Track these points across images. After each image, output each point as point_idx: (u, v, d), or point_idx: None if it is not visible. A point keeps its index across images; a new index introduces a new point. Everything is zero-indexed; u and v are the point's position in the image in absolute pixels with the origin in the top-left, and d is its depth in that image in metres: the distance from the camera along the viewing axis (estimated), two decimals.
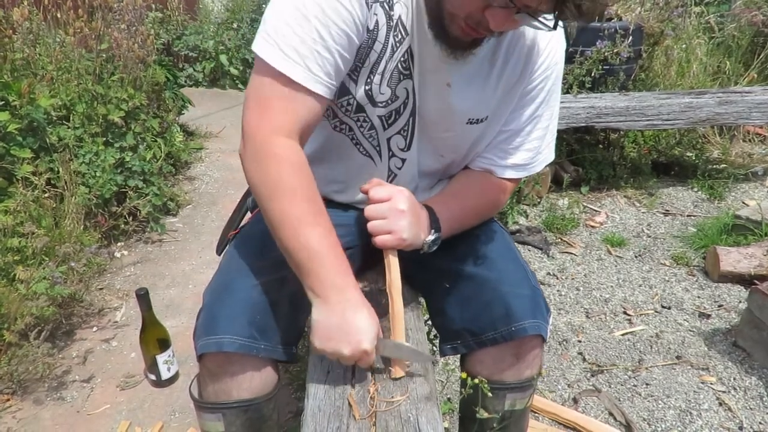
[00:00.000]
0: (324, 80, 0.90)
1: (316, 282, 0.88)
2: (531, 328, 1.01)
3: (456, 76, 0.99)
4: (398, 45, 0.95)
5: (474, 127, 1.07)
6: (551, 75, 1.06)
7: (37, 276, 1.88)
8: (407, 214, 0.98)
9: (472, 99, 1.02)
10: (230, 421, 0.99)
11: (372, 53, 0.95)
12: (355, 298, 0.89)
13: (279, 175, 0.89)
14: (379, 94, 0.99)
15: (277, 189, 0.89)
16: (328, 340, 0.88)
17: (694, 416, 1.74)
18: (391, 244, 0.97)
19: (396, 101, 1.01)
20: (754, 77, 3.91)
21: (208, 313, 0.97)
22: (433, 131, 1.07)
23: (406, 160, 1.09)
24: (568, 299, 2.36)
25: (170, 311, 2.26)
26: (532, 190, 3.11)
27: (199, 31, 5.42)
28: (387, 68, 0.97)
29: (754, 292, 1.95)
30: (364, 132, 1.05)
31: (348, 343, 0.87)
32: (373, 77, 0.97)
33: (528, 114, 1.08)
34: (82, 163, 2.46)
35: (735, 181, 3.33)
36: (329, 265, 0.89)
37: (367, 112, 1.02)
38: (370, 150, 1.08)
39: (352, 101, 1.00)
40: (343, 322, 0.87)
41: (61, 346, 2.04)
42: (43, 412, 1.76)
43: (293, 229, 0.89)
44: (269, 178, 0.90)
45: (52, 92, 2.49)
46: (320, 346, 0.89)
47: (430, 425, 0.85)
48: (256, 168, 0.91)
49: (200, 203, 3.23)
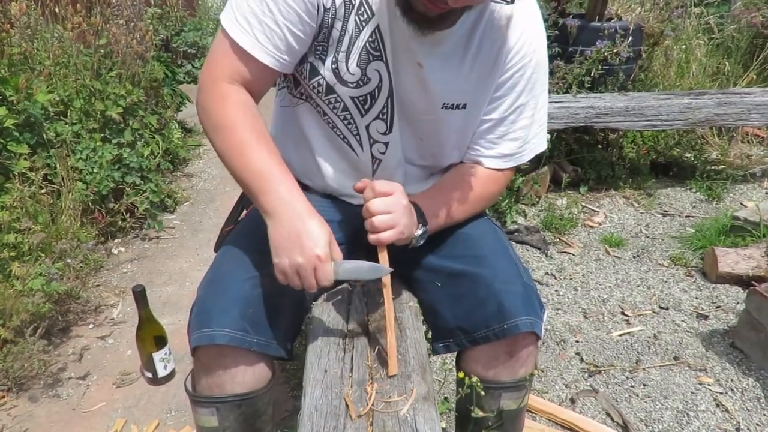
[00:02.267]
0: (271, 51, 0.96)
1: (265, 199, 0.92)
2: (524, 325, 1.01)
3: (429, 56, 0.99)
4: (364, 24, 0.96)
5: (452, 113, 1.06)
6: (529, 63, 1.05)
7: (34, 272, 1.88)
8: (408, 209, 0.98)
9: (446, 82, 1.02)
10: (224, 415, 0.99)
11: (333, 31, 0.97)
12: (302, 208, 0.92)
13: (222, 111, 0.97)
14: (347, 74, 1.00)
15: (219, 121, 0.97)
16: (283, 251, 0.90)
17: (691, 417, 1.73)
18: (391, 240, 0.96)
19: (368, 83, 1.01)
20: (753, 78, 3.91)
21: (201, 306, 0.98)
22: (411, 112, 1.07)
23: (389, 143, 1.09)
24: (566, 299, 2.36)
25: (167, 309, 2.25)
26: (531, 190, 3.11)
27: (198, 27, 5.39)
28: (354, 47, 0.98)
29: (752, 294, 1.95)
30: (338, 114, 1.06)
31: (301, 250, 0.89)
32: (338, 56, 0.99)
33: (509, 103, 1.08)
34: (80, 159, 2.45)
35: (733, 183, 3.33)
36: (275, 181, 0.93)
37: (338, 93, 1.03)
38: (348, 136, 1.09)
39: (321, 81, 1.02)
40: (292, 231, 0.90)
41: (57, 343, 2.03)
42: (38, 410, 1.75)
43: (238, 154, 0.95)
44: (211, 114, 0.98)
45: (50, 88, 2.47)
46: (278, 260, 0.91)
47: (427, 425, 0.85)
48: (203, 109, 0.99)
49: (198, 200, 3.22)
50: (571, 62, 3.22)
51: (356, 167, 1.12)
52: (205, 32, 5.37)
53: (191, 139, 3.93)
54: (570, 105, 2.99)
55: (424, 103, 1.05)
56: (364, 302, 1.14)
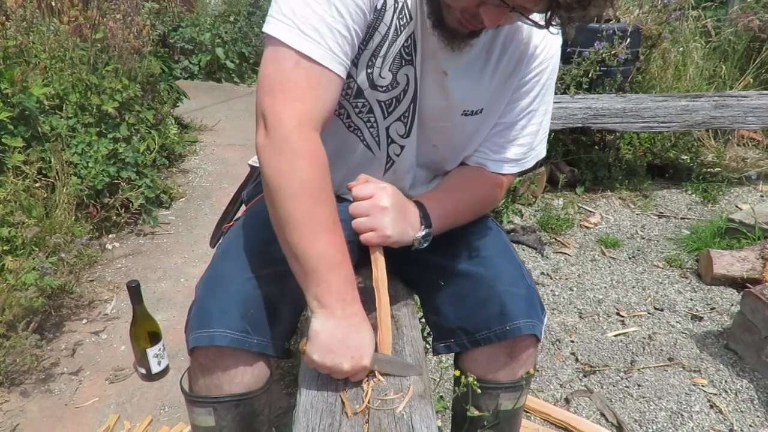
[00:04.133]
0: (342, 60, 0.87)
1: (326, 293, 0.85)
2: (525, 328, 1.01)
3: (453, 65, 0.98)
4: (402, 29, 0.94)
5: (469, 119, 1.06)
6: (546, 69, 1.06)
7: (27, 266, 1.86)
8: (390, 210, 0.97)
9: (468, 89, 1.02)
10: (221, 415, 0.98)
11: (376, 35, 0.93)
12: (360, 314, 0.88)
13: (307, 174, 0.84)
14: (380, 78, 0.98)
15: (303, 188, 0.84)
16: (329, 353, 0.85)
17: (685, 418, 1.74)
18: (375, 242, 0.96)
19: (397, 87, 1.00)
20: (749, 82, 3.93)
21: (201, 306, 0.96)
22: (429, 120, 1.06)
23: (405, 147, 1.08)
24: (562, 299, 2.36)
25: (161, 304, 2.24)
26: (528, 190, 3.11)
27: (195, 23, 5.37)
28: (390, 52, 0.95)
29: (746, 296, 1.96)
30: (362, 117, 1.04)
31: (351, 358, 0.86)
32: (375, 60, 0.96)
33: (522, 107, 1.08)
34: (75, 153, 2.43)
35: (729, 185, 3.35)
36: (343, 278, 0.87)
37: (366, 97, 1.00)
38: (368, 138, 1.07)
39: (353, 85, 0.98)
40: (347, 337, 0.86)
41: (50, 338, 2.02)
42: (30, 405, 1.74)
43: (312, 233, 0.84)
44: (295, 176, 0.84)
45: (45, 81, 2.46)
46: (320, 358, 0.86)
47: (423, 423, 0.84)
48: (280, 161, 0.84)
49: (194, 196, 3.20)
50: (569, 63, 3.22)
51: (368, 166, 1.10)
52: (203, 28, 5.35)
53: (187, 135, 3.91)
54: (568, 106, 2.99)
55: (443, 110, 1.04)
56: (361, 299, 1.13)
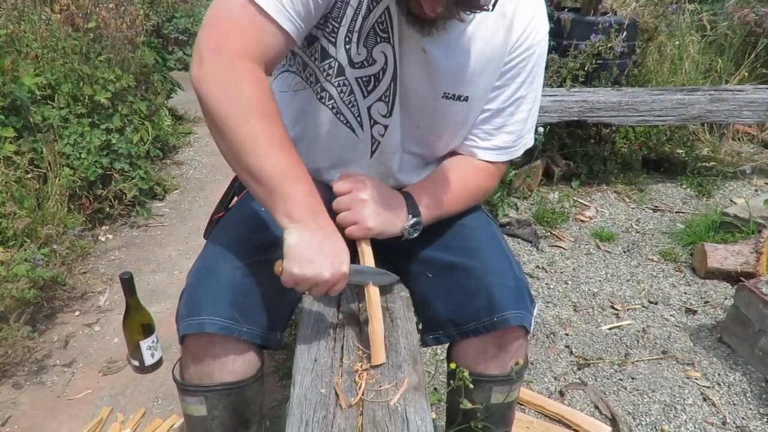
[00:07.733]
0: (293, 18, 0.88)
1: (294, 205, 0.86)
2: (513, 319, 1.01)
3: (433, 44, 0.97)
4: (374, 4, 0.94)
5: (452, 104, 1.05)
6: (533, 54, 1.05)
7: (18, 258, 1.85)
8: (370, 202, 0.98)
9: (449, 70, 1.01)
10: (213, 404, 0.98)
11: (348, 9, 0.94)
12: (330, 224, 0.90)
13: (253, 95, 0.85)
14: (356, 54, 0.98)
15: (253, 110, 0.84)
16: (309, 263, 0.86)
17: (678, 411, 1.74)
18: (358, 234, 0.98)
19: (373, 65, 0.99)
20: (744, 76, 3.93)
21: (191, 294, 0.96)
22: (411, 99, 1.05)
23: (389, 126, 1.07)
24: (557, 292, 2.36)
25: (155, 297, 2.23)
26: (523, 183, 3.11)
27: (189, 14, 5.33)
28: (363, 27, 0.95)
29: (740, 290, 1.96)
30: (344, 98, 1.03)
31: (330, 265, 0.87)
32: (351, 35, 0.96)
33: (509, 93, 1.08)
34: (67, 144, 2.41)
35: (723, 179, 3.35)
36: (307, 188, 0.88)
37: (347, 75, 1.00)
38: (351, 120, 1.06)
39: (333, 64, 0.99)
40: (323, 245, 0.87)
41: (42, 329, 2.00)
42: (22, 397, 1.73)
43: (269, 150, 0.85)
44: (241, 99, 0.84)
45: (37, 71, 2.43)
46: (300, 270, 0.86)
47: (417, 415, 0.84)
48: (223, 88, 0.85)
49: (188, 188, 3.18)
50: (566, 56, 3.21)
51: (353, 150, 1.10)
52: (197, 19, 5.30)
53: (181, 127, 3.89)
54: (563, 99, 2.98)
55: (426, 90, 1.03)
56: (355, 292, 1.13)
